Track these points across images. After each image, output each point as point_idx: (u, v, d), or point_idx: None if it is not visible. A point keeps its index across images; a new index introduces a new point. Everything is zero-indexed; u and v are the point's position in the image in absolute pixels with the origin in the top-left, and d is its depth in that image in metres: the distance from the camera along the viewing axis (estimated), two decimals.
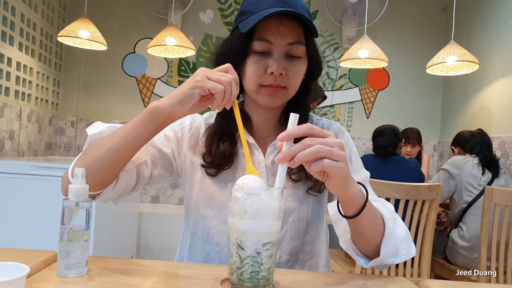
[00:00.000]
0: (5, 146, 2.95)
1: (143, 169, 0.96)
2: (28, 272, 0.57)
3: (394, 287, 0.78)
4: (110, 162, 0.84)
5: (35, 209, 2.24)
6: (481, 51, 3.48)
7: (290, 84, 0.91)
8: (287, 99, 0.95)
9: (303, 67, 0.93)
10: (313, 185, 0.98)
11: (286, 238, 0.98)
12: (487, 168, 2.51)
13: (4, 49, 2.86)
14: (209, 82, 0.76)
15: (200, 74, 0.78)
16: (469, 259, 2.46)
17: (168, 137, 1.01)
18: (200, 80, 0.77)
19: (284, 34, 0.88)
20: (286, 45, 0.89)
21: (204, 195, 0.99)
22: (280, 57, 0.89)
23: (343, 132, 1.07)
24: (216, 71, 0.79)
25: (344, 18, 3.97)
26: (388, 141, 2.58)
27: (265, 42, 0.89)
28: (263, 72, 0.90)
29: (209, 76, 0.77)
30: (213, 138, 0.99)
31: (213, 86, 0.76)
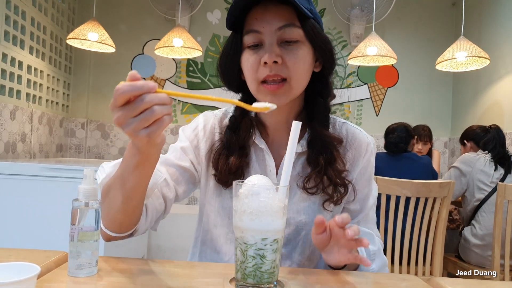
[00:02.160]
0: (17, 149, 2.98)
1: (167, 192, 0.91)
2: (39, 272, 0.57)
3: (405, 285, 0.78)
4: (130, 202, 0.77)
5: (47, 210, 2.27)
6: (491, 46, 3.44)
7: (290, 73, 0.83)
8: (294, 94, 0.86)
9: (303, 52, 0.84)
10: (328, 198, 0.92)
11: (298, 249, 0.95)
12: (500, 164, 2.48)
13: (15, 52, 2.89)
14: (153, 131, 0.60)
15: (135, 134, 0.60)
16: (482, 257, 2.44)
17: (184, 149, 0.96)
18: (146, 139, 0.61)
19: (271, 20, 0.82)
20: (276, 31, 0.82)
21: (214, 203, 0.97)
22: (271, 44, 0.82)
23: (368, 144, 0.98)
24: (133, 111, 0.59)
25: (351, 15, 3.95)
26: (399, 137, 2.57)
27: (254, 33, 0.83)
28: (257, 65, 0.83)
29: (142, 124, 0.60)
30: (221, 153, 0.93)
31: (162, 127, 0.61)
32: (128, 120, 0.60)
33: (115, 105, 0.60)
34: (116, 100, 0.59)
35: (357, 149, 0.97)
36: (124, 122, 0.60)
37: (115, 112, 0.60)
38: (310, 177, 0.91)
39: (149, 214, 0.87)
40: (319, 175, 0.90)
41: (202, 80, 4.10)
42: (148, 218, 0.87)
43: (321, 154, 0.91)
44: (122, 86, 0.58)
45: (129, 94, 0.58)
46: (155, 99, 0.59)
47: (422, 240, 2.19)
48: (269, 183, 0.70)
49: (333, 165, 0.90)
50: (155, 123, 0.60)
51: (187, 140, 0.97)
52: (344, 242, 0.77)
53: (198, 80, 4.11)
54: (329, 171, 0.90)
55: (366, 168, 0.98)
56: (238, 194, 0.68)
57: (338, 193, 0.91)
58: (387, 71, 4.17)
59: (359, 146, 0.97)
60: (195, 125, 1.00)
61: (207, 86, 4.08)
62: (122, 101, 0.59)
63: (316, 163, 0.91)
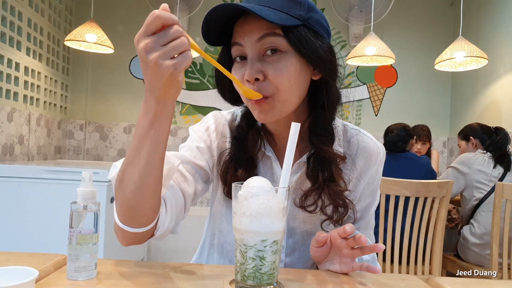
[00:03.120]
0: (15, 151, 2.98)
1: (185, 187, 0.87)
2: (37, 276, 0.57)
3: (404, 285, 0.77)
4: (147, 176, 0.72)
5: (45, 213, 2.26)
6: (490, 46, 3.44)
7: (275, 90, 0.78)
8: (284, 109, 0.81)
9: (289, 64, 0.78)
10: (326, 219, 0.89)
11: (302, 259, 0.94)
12: (499, 162, 2.48)
13: (12, 54, 2.88)
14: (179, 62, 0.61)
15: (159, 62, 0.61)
16: (480, 256, 2.44)
17: (200, 149, 0.93)
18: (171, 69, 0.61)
19: (250, 31, 0.77)
20: (256, 42, 0.77)
21: (221, 208, 0.97)
22: (252, 60, 0.78)
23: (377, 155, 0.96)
24: (162, 39, 0.61)
25: (350, 15, 3.95)
26: (398, 136, 2.58)
27: (237, 46, 0.80)
28: (243, 82, 0.79)
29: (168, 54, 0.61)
30: (229, 166, 0.90)
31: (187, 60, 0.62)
32: (157, 46, 0.60)
33: (146, 32, 0.61)
34: (149, 24, 0.60)
35: (367, 159, 0.94)
36: (151, 48, 0.60)
37: (142, 40, 0.61)
38: (307, 194, 0.88)
39: (169, 208, 0.81)
40: (317, 193, 0.87)
41: (201, 80, 4.09)
42: (169, 214, 0.81)
43: (321, 172, 0.87)
44: (158, 11, 0.59)
45: (164, 19, 0.60)
46: (184, 32, 0.61)
47: (421, 240, 2.19)
48: (268, 185, 0.70)
49: (333, 185, 0.86)
50: (182, 54, 0.61)
51: (201, 141, 0.94)
52: (347, 252, 0.78)
53: (197, 81, 4.10)
54: (327, 190, 0.86)
55: (374, 178, 0.96)
56: (237, 196, 0.68)
57: (338, 214, 0.88)
58: (386, 71, 4.17)
59: (369, 157, 0.94)
60: (206, 126, 0.97)
61: (206, 86, 4.08)
62: (155, 26, 0.60)
63: (314, 181, 0.87)
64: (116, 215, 0.78)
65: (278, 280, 0.71)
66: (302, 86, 0.82)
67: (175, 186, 0.85)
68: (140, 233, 0.77)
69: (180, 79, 0.65)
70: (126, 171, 0.73)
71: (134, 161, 0.72)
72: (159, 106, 0.68)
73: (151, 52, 0.60)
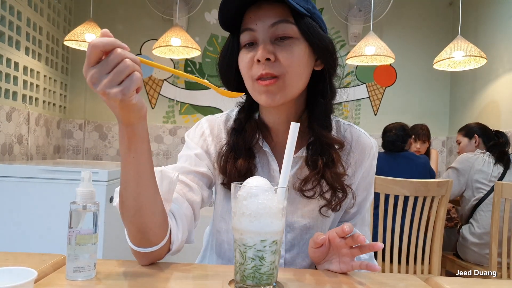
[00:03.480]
0: (14, 150, 2.97)
1: (192, 196, 0.89)
2: (36, 276, 0.57)
3: (404, 285, 0.77)
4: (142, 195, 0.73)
5: (44, 213, 2.26)
6: (489, 45, 3.44)
7: (284, 70, 0.81)
8: (290, 92, 0.84)
9: (298, 49, 0.82)
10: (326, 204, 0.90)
11: (301, 255, 0.95)
12: (498, 161, 2.48)
13: (11, 53, 2.88)
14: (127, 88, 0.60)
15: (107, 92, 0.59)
16: (480, 255, 2.44)
17: (199, 155, 0.94)
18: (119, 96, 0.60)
19: (264, 17, 0.81)
20: (269, 27, 0.81)
21: (219, 208, 0.98)
22: (265, 42, 0.81)
23: (371, 148, 0.97)
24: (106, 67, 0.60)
25: (349, 15, 3.95)
26: (396, 135, 2.58)
27: (248, 32, 0.83)
28: (251, 63, 0.82)
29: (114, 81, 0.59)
30: (228, 156, 0.91)
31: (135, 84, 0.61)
32: (101, 76, 0.59)
33: (88, 64, 0.59)
34: (89, 55, 0.59)
35: (361, 153, 0.96)
36: (97, 79, 0.59)
37: (88, 72, 0.59)
38: (307, 179, 0.89)
39: (179, 221, 0.84)
40: (317, 178, 0.89)
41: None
42: (180, 226, 0.83)
43: (320, 157, 0.89)
44: (94, 40, 0.58)
45: (101, 47, 0.59)
46: (127, 53, 0.60)
47: (420, 239, 2.20)
48: (267, 184, 0.70)
49: (332, 168, 0.88)
50: (128, 78, 0.59)
51: (198, 147, 0.96)
52: (346, 252, 0.78)
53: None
54: (327, 174, 0.88)
55: (369, 171, 0.97)
56: (236, 196, 0.68)
57: (337, 198, 0.90)
58: (385, 71, 4.17)
59: (363, 150, 0.96)
60: (201, 131, 0.98)
61: (205, 86, 4.07)
62: (95, 55, 0.59)
63: (314, 165, 0.89)
64: (128, 239, 0.79)
65: (278, 280, 0.71)
66: (307, 73, 0.86)
67: (181, 198, 0.87)
68: (156, 251, 0.79)
69: (135, 101, 0.63)
70: (122, 197, 0.75)
71: (125, 186, 0.73)
72: (129, 129, 0.68)
73: (97, 84, 0.59)
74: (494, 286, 0.84)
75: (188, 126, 4.06)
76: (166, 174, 0.80)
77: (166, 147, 4.08)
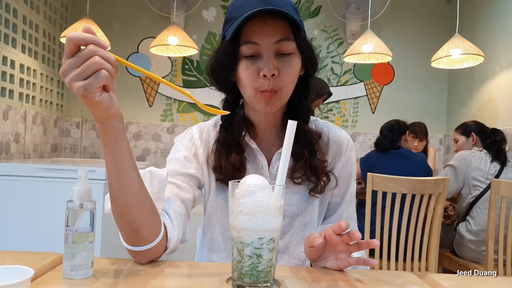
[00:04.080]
0: (10, 149, 2.97)
1: (185, 195, 0.94)
2: (32, 275, 0.57)
3: (400, 282, 0.78)
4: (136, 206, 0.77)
5: (41, 211, 2.26)
6: (486, 43, 3.45)
7: (283, 84, 0.88)
8: (284, 100, 0.92)
9: (296, 64, 0.90)
10: (314, 187, 0.98)
11: (293, 242, 0.99)
12: (495, 158, 2.48)
13: (7, 51, 2.87)
14: (90, 83, 0.62)
15: (72, 84, 0.62)
16: (476, 253, 2.45)
17: (187, 158, 0.99)
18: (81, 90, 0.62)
19: (269, 33, 0.86)
20: (274, 44, 0.86)
21: (212, 203, 1.01)
22: (269, 57, 0.86)
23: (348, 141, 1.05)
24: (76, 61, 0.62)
25: (347, 13, 3.95)
26: (385, 137, 2.63)
27: (252, 45, 0.87)
28: (256, 76, 0.87)
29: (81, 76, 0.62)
30: (221, 151, 0.97)
31: (99, 81, 0.62)
32: (71, 69, 0.62)
33: (65, 56, 0.62)
34: (66, 48, 0.62)
35: (338, 145, 1.03)
36: (67, 71, 0.62)
37: (63, 63, 0.62)
38: (296, 169, 0.96)
39: (173, 219, 0.87)
40: (304, 166, 0.96)
41: (198, 78, 4.09)
42: (175, 225, 0.87)
43: (305, 147, 0.97)
44: (71, 33, 0.61)
45: (77, 40, 0.61)
46: (99, 51, 0.62)
47: (417, 236, 2.20)
48: (265, 182, 0.70)
49: (316, 157, 0.97)
50: (94, 75, 0.61)
51: (186, 150, 1.01)
52: (343, 248, 0.80)
53: (194, 79, 4.09)
54: (313, 162, 0.96)
55: (347, 163, 1.04)
56: (234, 194, 0.68)
57: (322, 181, 0.97)
58: (383, 69, 4.18)
59: (339, 142, 1.03)
60: (190, 136, 1.04)
61: (203, 84, 4.07)
62: (70, 48, 0.61)
63: (301, 156, 0.96)
64: (122, 239, 0.82)
65: (275, 277, 0.71)
66: (296, 82, 0.94)
67: (173, 197, 0.91)
68: (152, 249, 0.81)
69: (98, 99, 0.64)
70: (111, 197, 0.78)
71: (111, 186, 0.76)
72: (100, 126, 0.70)
73: (66, 75, 0.62)
74: (490, 283, 0.84)
75: (185, 125, 4.05)
76: (155, 173, 0.84)
77: (164, 145, 4.08)
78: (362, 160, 2.66)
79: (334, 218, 1.04)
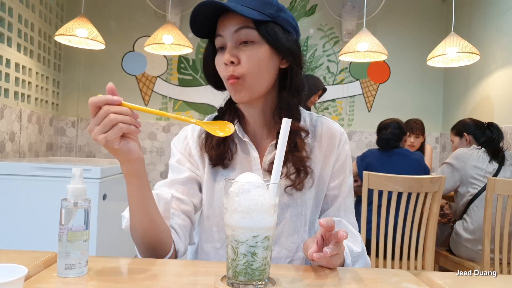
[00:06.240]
0: (6, 148, 2.95)
1: (185, 207, 1.00)
2: (26, 273, 0.57)
3: (396, 280, 0.78)
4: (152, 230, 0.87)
5: (37, 210, 2.25)
6: (482, 41, 3.46)
7: (244, 71, 0.92)
8: (255, 89, 0.95)
9: (258, 52, 0.93)
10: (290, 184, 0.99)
11: (284, 233, 1.01)
12: (493, 157, 2.48)
13: (3, 50, 2.85)
14: (109, 135, 0.74)
15: (97, 138, 0.75)
16: (472, 251, 2.46)
17: (180, 161, 1.05)
18: (103, 141, 0.74)
19: (229, 24, 0.92)
20: (233, 33, 0.92)
21: (206, 197, 1.04)
22: (230, 47, 0.92)
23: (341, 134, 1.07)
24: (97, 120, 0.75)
25: (343, 11, 3.95)
26: (392, 134, 2.59)
27: (219, 37, 0.94)
28: (223, 66, 0.94)
29: (101, 130, 0.74)
30: (207, 139, 1.03)
31: (115, 132, 0.74)
32: (94, 126, 0.74)
33: (91, 116, 0.75)
34: (90, 111, 0.75)
35: (332, 138, 1.06)
36: (91, 129, 0.75)
37: (90, 123, 0.76)
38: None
39: (180, 233, 0.96)
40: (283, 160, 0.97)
41: (193, 77, 4.08)
42: (182, 237, 0.96)
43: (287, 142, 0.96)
44: (91, 99, 0.75)
45: (95, 103, 0.74)
46: (112, 108, 0.74)
47: (414, 235, 2.21)
48: (259, 180, 0.70)
49: (296, 152, 0.99)
50: (111, 129, 0.73)
51: (179, 153, 1.07)
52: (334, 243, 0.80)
53: (190, 77, 4.09)
54: (291, 157, 0.98)
55: (340, 154, 1.06)
56: (228, 193, 0.68)
57: (300, 178, 0.99)
58: (379, 67, 4.18)
59: (333, 136, 1.06)
60: (184, 136, 1.09)
61: (198, 83, 4.07)
62: (92, 111, 0.75)
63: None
64: (139, 255, 0.93)
65: (270, 275, 0.71)
66: (271, 71, 0.96)
67: (177, 212, 0.98)
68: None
69: (117, 147, 0.75)
70: (131, 222, 0.89)
71: (132, 214, 0.87)
72: (122, 167, 0.81)
73: (91, 132, 0.75)
74: (485, 281, 0.84)
75: (181, 123, 4.05)
76: (161, 196, 0.94)
77: (159, 144, 4.07)
78: (358, 159, 2.66)
79: (332, 211, 1.05)
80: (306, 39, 4.15)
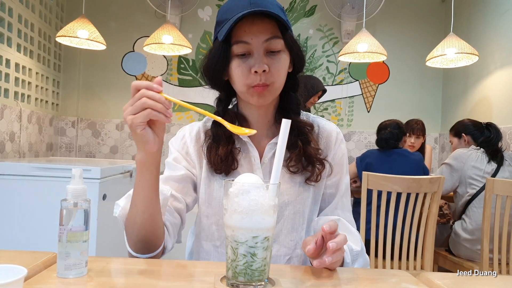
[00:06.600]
0: (5, 148, 2.95)
1: (177, 205, 1.00)
2: (26, 274, 0.57)
3: (395, 280, 0.78)
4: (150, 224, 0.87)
5: (36, 210, 2.25)
6: (481, 42, 3.46)
7: (274, 79, 0.95)
8: (276, 94, 0.99)
9: (285, 60, 0.97)
10: (310, 175, 1.02)
11: (283, 231, 1.02)
12: (492, 158, 2.49)
13: (3, 50, 2.85)
14: (136, 117, 0.76)
15: (126, 118, 0.78)
16: (472, 251, 2.46)
17: (176, 159, 1.06)
18: (129, 122, 0.77)
19: (258, 33, 0.93)
20: (263, 42, 0.93)
21: (204, 195, 1.04)
22: (260, 55, 0.93)
23: (337, 133, 1.10)
24: (132, 101, 0.78)
25: (343, 12, 3.96)
26: (391, 133, 2.59)
27: (243, 44, 0.93)
28: (248, 73, 0.94)
29: (132, 111, 0.77)
30: (211, 145, 1.03)
31: (143, 116, 0.76)
32: (128, 106, 0.77)
33: (131, 95, 0.78)
34: (131, 90, 0.78)
35: (328, 137, 1.09)
36: (125, 108, 0.77)
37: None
38: (291, 158, 1.02)
39: (170, 230, 0.96)
40: (299, 155, 1.01)
41: (193, 77, 4.08)
42: (171, 234, 0.96)
43: (298, 137, 1.02)
44: (134, 82, 0.78)
45: (134, 87, 0.77)
46: (147, 93, 0.76)
47: (413, 235, 2.21)
48: (259, 181, 0.70)
49: (310, 145, 1.02)
50: (141, 112, 0.75)
51: (176, 151, 1.07)
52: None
53: (190, 78, 4.09)
54: (307, 151, 1.01)
55: (337, 153, 1.08)
56: (228, 193, 0.68)
57: (317, 169, 1.02)
58: (378, 68, 4.19)
59: (329, 134, 1.09)
60: (182, 135, 1.10)
61: (198, 83, 4.07)
62: (132, 92, 0.78)
63: (295, 146, 1.02)
64: (128, 246, 0.91)
65: (269, 276, 0.71)
66: (285, 77, 1.00)
67: (170, 208, 0.98)
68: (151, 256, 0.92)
69: (139, 131, 0.77)
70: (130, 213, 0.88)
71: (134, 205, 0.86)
72: (138, 155, 0.83)
73: (125, 110, 0.78)
74: (484, 281, 0.84)
75: (181, 123, 4.05)
76: (161, 192, 0.92)
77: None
78: (358, 159, 2.66)
79: (330, 209, 1.07)
80: (305, 39, 4.15)
